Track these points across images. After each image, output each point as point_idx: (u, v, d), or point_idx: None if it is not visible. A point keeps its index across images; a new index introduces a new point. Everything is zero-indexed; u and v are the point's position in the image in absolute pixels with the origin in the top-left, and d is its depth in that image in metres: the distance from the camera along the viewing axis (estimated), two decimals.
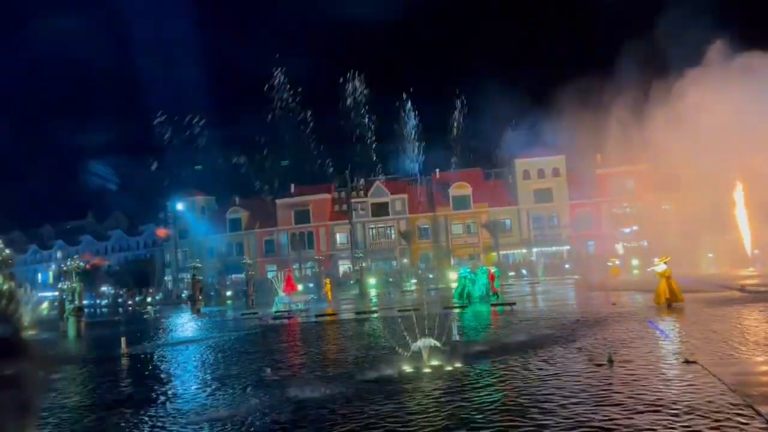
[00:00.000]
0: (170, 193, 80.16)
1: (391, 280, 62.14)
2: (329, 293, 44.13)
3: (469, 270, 32.23)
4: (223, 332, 24.60)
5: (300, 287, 43.14)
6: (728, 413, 7.73)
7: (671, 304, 20.84)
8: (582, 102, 52.95)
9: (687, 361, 11.12)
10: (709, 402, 8.32)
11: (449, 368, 11.88)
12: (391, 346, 13.68)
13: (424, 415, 8.66)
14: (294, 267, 64.30)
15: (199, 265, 43.56)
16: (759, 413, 7.60)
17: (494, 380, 10.88)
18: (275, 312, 31.81)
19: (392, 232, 76.25)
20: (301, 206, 78.34)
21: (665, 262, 21.46)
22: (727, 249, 43.22)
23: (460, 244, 73.87)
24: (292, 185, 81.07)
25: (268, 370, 13.48)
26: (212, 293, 59.98)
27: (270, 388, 11.47)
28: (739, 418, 7.50)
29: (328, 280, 47.02)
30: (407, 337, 12.93)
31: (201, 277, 43.10)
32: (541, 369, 11.51)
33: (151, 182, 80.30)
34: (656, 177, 56.47)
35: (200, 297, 40.87)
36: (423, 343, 12.48)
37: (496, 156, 78.50)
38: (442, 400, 9.54)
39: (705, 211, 43.24)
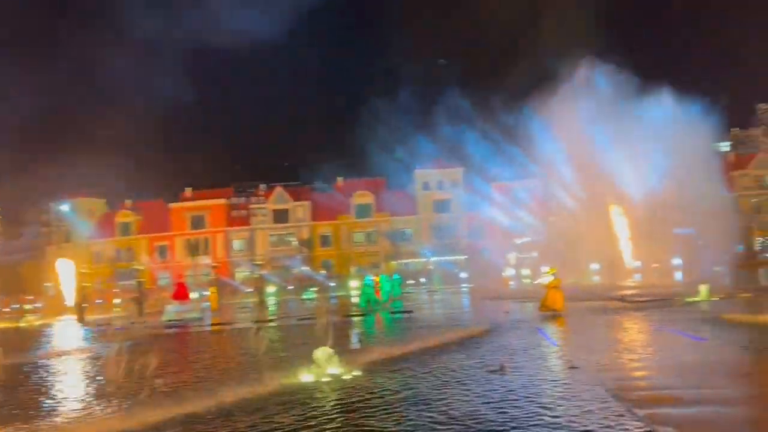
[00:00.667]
0: (56, 194, 75.40)
1: (291, 288, 61.38)
2: (214, 302, 41.60)
3: (372, 278, 32.44)
4: (108, 342, 23.25)
5: (195, 295, 41.62)
6: (608, 416, 8.10)
7: (557, 313, 21.83)
8: (478, 115, 54.87)
9: (572, 368, 11.62)
10: (591, 405, 8.70)
11: (347, 377, 11.78)
12: (289, 356, 13.40)
13: (320, 427, 8.50)
14: (188, 274, 62.04)
15: (85, 270, 41.10)
16: (637, 416, 8.01)
17: (390, 388, 10.87)
18: (166, 321, 30.50)
19: (293, 239, 75.42)
20: (197, 211, 75.91)
21: (553, 273, 22.49)
22: (610, 261, 45.88)
23: (362, 253, 74.20)
24: (188, 189, 78.48)
25: (159, 381, 12.82)
26: (100, 301, 56.73)
27: (157, 401, 10.88)
28: (619, 420, 7.87)
29: (213, 289, 44.62)
30: (306, 346, 12.70)
31: (87, 284, 40.67)
32: (436, 377, 11.64)
33: (36, 182, 75.18)
34: (545, 190, 59.09)
35: (86, 304, 38.56)
36: (322, 352, 12.30)
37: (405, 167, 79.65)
38: (339, 408, 9.41)
39: (587, 225, 45.83)
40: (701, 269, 35.54)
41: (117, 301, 56.13)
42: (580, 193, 46.40)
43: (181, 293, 34.62)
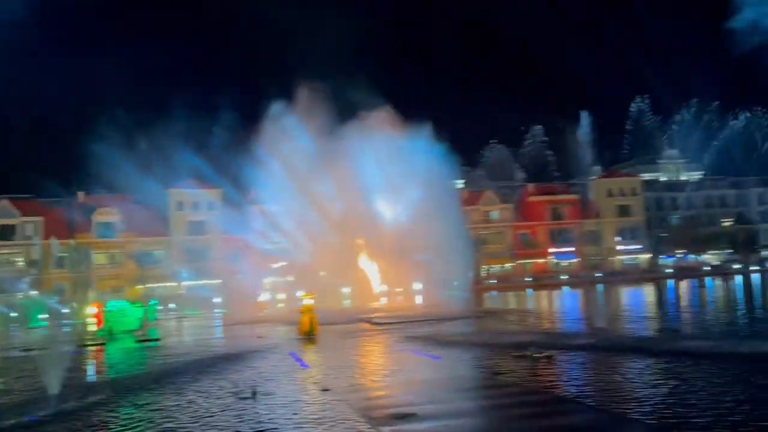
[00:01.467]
0: None
1: (14, 315, 53.73)
2: None
3: (116, 304, 30.23)
4: None
5: None
6: None
7: (311, 336, 22.30)
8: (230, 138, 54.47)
9: (324, 390, 11.89)
10: (341, 426, 8.97)
11: (86, 410, 10.63)
12: (10, 389, 11.68)
13: None
14: None
15: None
16: None
17: (135, 420, 10.04)
18: None
19: (20, 259, 66.46)
20: None
21: (308, 298, 22.98)
22: (359, 284, 48.24)
23: (104, 276, 68.05)
24: None
25: None
26: None
27: None
28: None
29: None
30: (32, 379, 11.19)
31: None
32: (184, 405, 11.06)
33: None
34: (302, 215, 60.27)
35: None
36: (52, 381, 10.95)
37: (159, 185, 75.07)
38: None
39: (341, 252, 47.84)
40: (438, 293, 39.11)
41: None
42: (334, 220, 48.10)
43: None
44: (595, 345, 15.74)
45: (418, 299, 40.07)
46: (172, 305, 60.27)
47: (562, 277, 75.55)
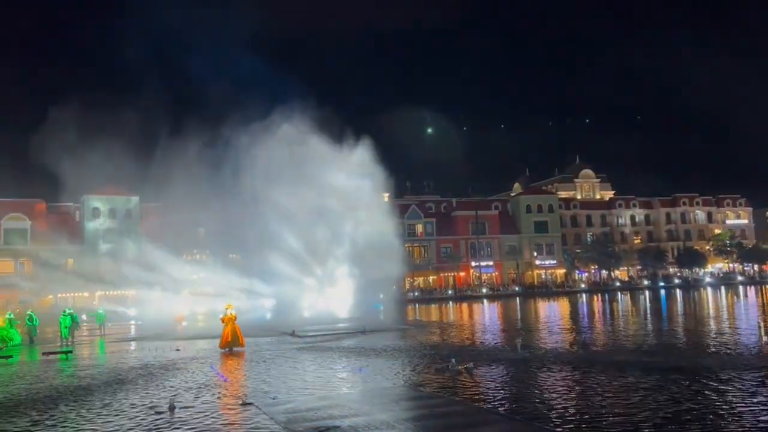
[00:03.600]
0: None
1: None
2: None
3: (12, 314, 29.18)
4: None
5: None
6: None
7: (233, 348, 21.89)
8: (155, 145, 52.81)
9: (244, 403, 11.72)
10: None
11: None
12: None
13: None
14: None
15: None
16: None
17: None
18: None
19: None
20: None
21: (229, 309, 22.55)
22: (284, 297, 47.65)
23: (7, 284, 64.12)
24: None
25: None
26: None
27: None
28: None
29: None
30: None
31: None
32: (105, 419, 10.65)
33: None
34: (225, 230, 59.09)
35: None
36: None
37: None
38: None
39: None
40: (364, 306, 39.25)
41: None
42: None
43: None
44: (512, 357, 16.25)
45: (343, 311, 40.04)
46: (83, 316, 57.64)
47: (482, 290, 77.51)
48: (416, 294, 72.98)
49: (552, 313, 41.32)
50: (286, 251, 45.21)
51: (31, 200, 68.00)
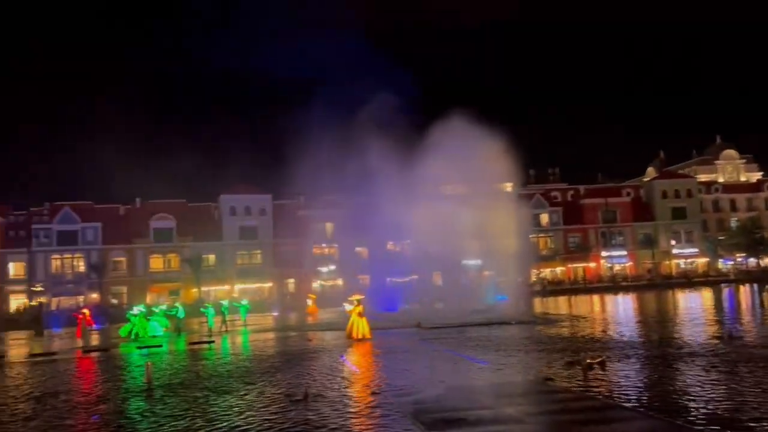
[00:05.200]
0: None
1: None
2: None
3: (143, 308, 32.37)
4: None
5: None
6: None
7: (361, 339, 22.52)
8: (290, 144, 54.75)
9: (373, 393, 12.02)
10: (391, 429, 9.08)
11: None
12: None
13: None
14: None
15: None
16: None
17: (188, 418, 10.39)
18: None
19: (81, 263, 68.93)
20: None
21: (357, 301, 23.20)
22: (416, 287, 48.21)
23: (159, 279, 70.06)
24: None
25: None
26: None
27: None
28: None
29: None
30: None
31: None
32: (240, 405, 11.38)
33: None
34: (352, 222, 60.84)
35: None
36: None
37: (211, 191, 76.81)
38: None
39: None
40: (490, 298, 38.84)
41: None
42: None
43: None
44: (649, 351, 15.43)
45: (469, 303, 39.81)
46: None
47: (615, 281, 74.12)
48: (543, 286, 71.07)
49: (692, 304, 38.73)
50: (412, 243, 45.72)
51: (175, 201, 73.74)
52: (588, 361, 14.19)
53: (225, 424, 10.16)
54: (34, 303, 62.40)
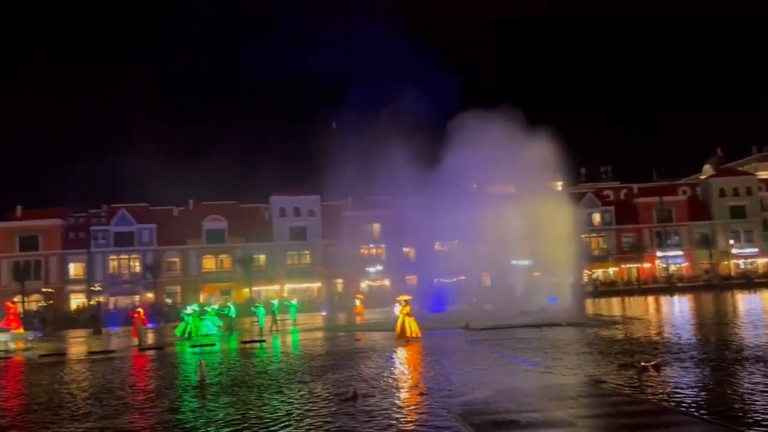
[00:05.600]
0: None
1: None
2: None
3: (197, 307, 33.29)
4: None
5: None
6: None
7: (409, 339, 22.49)
8: (339, 146, 55.10)
9: (421, 394, 11.98)
10: (437, 430, 9.03)
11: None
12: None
13: None
14: (15, 300, 56.16)
15: None
16: None
17: (240, 416, 10.57)
18: None
19: (137, 264, 71.07)
20: (28, 231, 69.39)
21: (405, 301, 23.19)
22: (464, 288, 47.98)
23: (212, 279, 71.63)
24: (18, 207, 71.51)
25: None
26: None
27: None
28: None
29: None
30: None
31: None
32: (288, 404, 11.50)
33: None
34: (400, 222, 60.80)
35: None
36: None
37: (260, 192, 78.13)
38: None
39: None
40: (540, 299, 38.17)
41: None
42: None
43: (12, 321, 31.71)
44: (706, 354, 14.92)
45: (519, 304, 39.29)
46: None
47: (670, 282, 72.05)
48: (595, 287, 69.56)
49: (753, 306, 37.28)
50: (461, 243, 45.36)
51: (227, 202, 75.36)
52: (642, 363, 13.82)
53: (275, 422, 10.29)
54: (92, 302, 64.58)
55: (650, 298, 52.11)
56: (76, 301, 68.29)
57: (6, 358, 25.44)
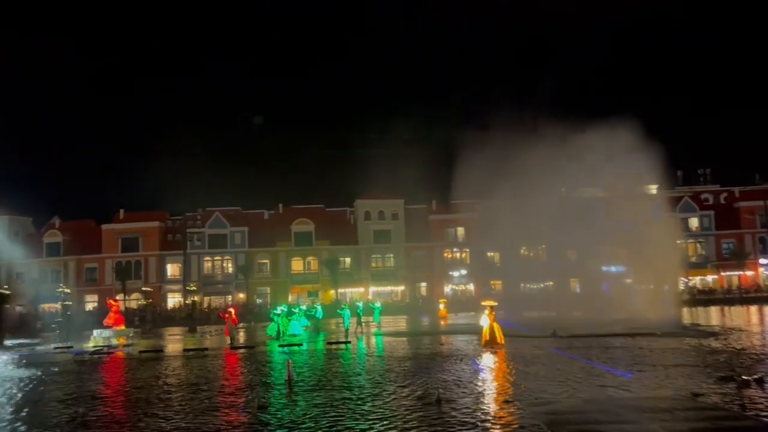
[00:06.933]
0: None
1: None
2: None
3: (286, 307, 34.10)
4: (29, 368, 22.14)
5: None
6: None
7: (494, 345, 22.20)
8: (423, 150, 55.40)
9: (506, 401, 11.82)
10: None
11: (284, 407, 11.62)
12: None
13: None
14: (118, 298, 59.66)
15: (7, 291, 39.07)
16: None
17: (326, 415, 10.80)
18: (93, 347, 29.28)
19: (230, 265, 73.93)
20: (130, 233, 73.67)
21: (491, 307, 22.89)
22: (551, 294, 46.84)
23: (299, 281, 73.49)
24: (121, 211, 76.24)
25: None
26: (23, 324, 53.80)
27: None
28: None
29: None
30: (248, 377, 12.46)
31: (8, 305, 38.63)
32: (372, 409, 11.64)
33: None
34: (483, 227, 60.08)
35: (6, 327, 36.60)
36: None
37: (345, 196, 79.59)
38: None
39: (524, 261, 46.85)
40: (632, 306, 36.77)
41: (38, 324, 53.47)
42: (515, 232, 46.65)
43: (115, 318, 33.82)
44: None
45: (610, 312, 37.98)
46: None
47: None
48: (693, 295, 66.09)
49: None
50: (547, 248, 44.31)
51: (314, 206, 77.25)
52: (744, 377, 13.05)
53: (360, 423, 10.45)
54: (188, 301, 67.67)
55: (752, 308, 49.01)
56: (173, 300, 71.75)
57: (109, 353, 27.05)
